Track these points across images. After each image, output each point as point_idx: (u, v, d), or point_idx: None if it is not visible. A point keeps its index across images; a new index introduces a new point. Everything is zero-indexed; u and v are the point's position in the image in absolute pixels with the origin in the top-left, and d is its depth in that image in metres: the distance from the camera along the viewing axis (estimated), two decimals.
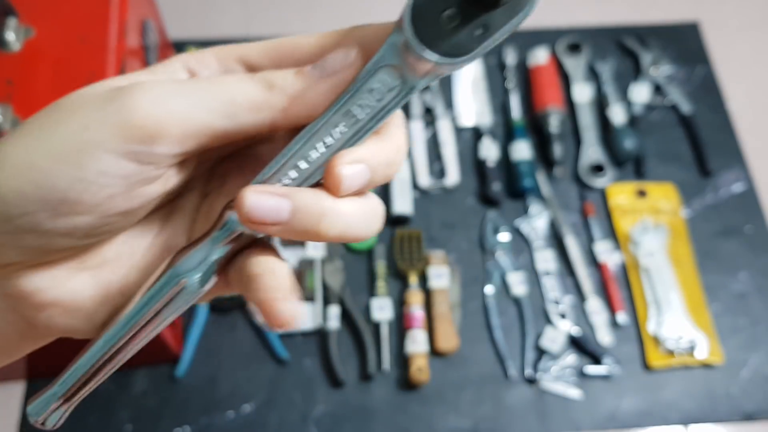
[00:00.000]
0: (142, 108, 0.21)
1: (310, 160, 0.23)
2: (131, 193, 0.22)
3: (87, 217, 0.22)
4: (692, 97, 1.00)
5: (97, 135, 0.21)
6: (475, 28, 0.21)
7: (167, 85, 0.22)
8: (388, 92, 0.23)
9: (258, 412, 0.79)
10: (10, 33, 0.64)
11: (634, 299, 0.86)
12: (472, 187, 0.93)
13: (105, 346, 0.24)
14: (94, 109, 0.21)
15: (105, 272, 0.24)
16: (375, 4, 1.10)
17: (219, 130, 0.22)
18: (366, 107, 0.23)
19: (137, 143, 0.21)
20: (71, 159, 0.21)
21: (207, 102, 0.22)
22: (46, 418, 0.24)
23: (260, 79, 0.23)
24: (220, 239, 0.23)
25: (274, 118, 0.22)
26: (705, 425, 0.80)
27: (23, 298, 0.23)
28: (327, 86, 0.22)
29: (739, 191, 0.94)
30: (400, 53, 0.22)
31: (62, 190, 0.21)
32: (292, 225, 0.22)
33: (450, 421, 0.79)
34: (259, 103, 0.22)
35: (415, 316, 0.81)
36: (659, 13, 1.09)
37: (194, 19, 1.07)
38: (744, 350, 0.84)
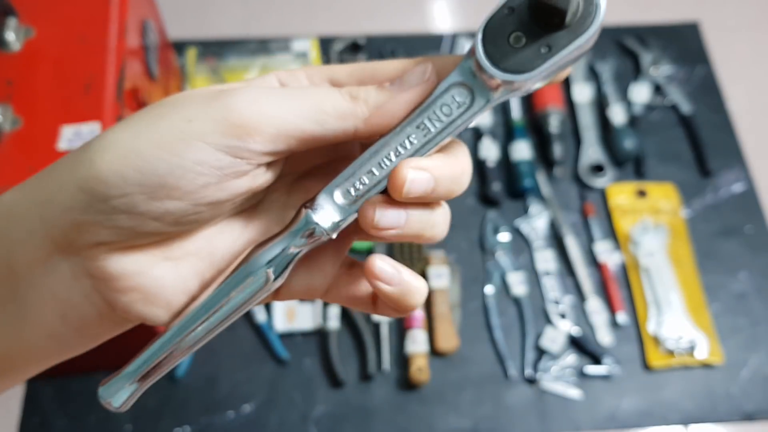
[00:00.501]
0: (242, 107, 0.23)
1: (383, 167, 0.26)
2: (222, 184, 0.24)
3: (180, 203, 0.23)
4: (692, 97, 1.00)
5: (199, 127, 0.23)
6: (540, 47, 0.24)
7: (265, 90, 0.24)
8: (458, 108, 0.25)
9: (258, 412, 0.79)
10: (10, 33, 0.64)
11: (634, 299, 0.86)
12: (472, 187, 0.93)
13: (180, 332, 0.25)
14: (198, 105, 0.23)
15: (186, 264, 0.26)
16: (375, 5, 1.10)
17: (307, 133, 0.24)
18: (437, 121, 0.25)
19: (234, 138, 0.23)
20: (173, 147, 0.23)
21: (298, 107, 0.24)
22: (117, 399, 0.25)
23: (346, 91, 0.25)
24: (296, 236, 0.25)
25: (356, 126, 0.25)
26: (705, 425, 0.80)
27: (108, 280, 0.24)
28: (405, 99, 0.25)
29: (739, 191, 0.94)
30: (472, 72, 0.25)
31: (161, 175, 0.23)
32: (407, 230, 0.26)
33: (450, 421, 0.79)
34: (344, 111, 0.25)
35: (415, 316, 0.81)
36: (659, 13, 1.09)
37: (194, 20, 1.07)
38: (744, 350, 0.84)
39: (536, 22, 0.24)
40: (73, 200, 0.23)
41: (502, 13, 0.24)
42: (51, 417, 0.78)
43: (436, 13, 1.12)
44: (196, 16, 1.07)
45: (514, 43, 0.24)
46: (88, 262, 0.24)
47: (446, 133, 0.25)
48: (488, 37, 0.24)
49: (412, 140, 0.25)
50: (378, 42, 1.03)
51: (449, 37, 1.04)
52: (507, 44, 0.24)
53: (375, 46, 1.02)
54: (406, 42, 1.03)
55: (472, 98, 0.25)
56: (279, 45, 0.99)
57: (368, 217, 0.25)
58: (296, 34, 1.02)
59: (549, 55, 0.23)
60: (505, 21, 0.24)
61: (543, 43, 0.24)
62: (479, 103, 0.25)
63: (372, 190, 0.26)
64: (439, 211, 0.27)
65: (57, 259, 0.24)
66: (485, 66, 0.24)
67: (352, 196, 0.26)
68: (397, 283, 0.26)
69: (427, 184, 0.25)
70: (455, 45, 1.03)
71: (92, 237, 0.23)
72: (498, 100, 0.25)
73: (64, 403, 0.78)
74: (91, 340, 0.27)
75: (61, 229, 0.23)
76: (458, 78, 0.25)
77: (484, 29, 0.24)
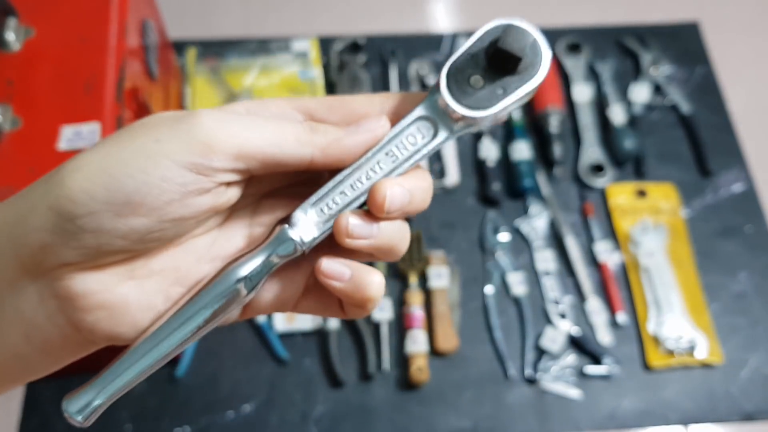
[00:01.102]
0: (207, 126, 0.25)
1: (355, 187, 0.28)
2: (186, 201, 0.25)
3: (144, 220, 0.25)
4: (692, 98, 1.00)
5: (166, 146, 0.24)
6: (496, 89, 0.27)
7: (231, 114, 0.26)
8: (423, 139, 0.28)
9: (258, 412, 0.79)
10: (10, 33, 0.64)
11: (634, 299, 0.86)
12: (472, 187, 0.93)
13: (149, 345, 0.26)
14: (167, 126, 0.25)
15: (151, 282, 0.26)
16: (375, 6, 1.11)
17: (268, 155, 0.26)
18: (404, 149, 0.28)
19: (198, 155, 0.25)
20: (140, 165, 0.24)
21: (261, 131, 0.26)
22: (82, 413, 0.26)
23: (307, 124, 0.27)
24: (271, 249, 0.27)
25: (314, 155, 0.27)
26: (705, 425, 0.80)
27: (73, 299, 0.25)
28: (360, 139, 0.28)
29: (738, 191, 0.94)
30: (436, 108, 0.28)
31: (128, 192, 0.24)
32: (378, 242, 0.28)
33: (450, 421, 0.79)
34: (303, 139, 0.27)
35: (415, 316, 0.81)
36: (659, 14, 1.09)
37: (194, 20, 1.07)
38: (744, 350, 0.84)
39: (493, 68, 0.27)
40: (42, 220, 0.24)
41: (464, 58, 0.28)
42: (51, 418, 0.78)
43: (435, 13, 1.12)
44: (196, 16, 1.07)
45: (474, 84, 0.28)
46: (54, 282, 0.25)
47: (412, 160, 0.28)
48: (452, 77, 0.28)
49: (382, 165, 0.28)
50: (378, 42, 1.03)
51: (449, 37, 1.04)
52: (468, 84, 0.28)
53: (375, 46, 1.02)
54: (406, 42, 1.03)
55: (435, 131, 0.28)
56: (279, 45, 0.99)
57: (342, 226, 0.27)
58: (296, 34, 1.02)
59: (503, 95, 0.27)
60: (467, 64, 0.28)
61: (498, 86, 0.27)
62: (441, 135, 0.28)
63: (345, 209, 0.28)
64: (405, 226, 0.29)
65: (24, 280, 0.25)
66: (448, 101, 0.27)
67: (325, 214, 0.28)
68: (347, 278, 0.27)
69: (403, 198, 0.27)
70: (455, 45, 1.03)
71: (58, 258, 0.24)
72: (458, 134, 0.28)
73: None
74: (55, 362, 0.27)
75: (28, 249, 0.24)
76: (424, 112, 0.28)
77: (448, 70, 0.28)
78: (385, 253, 0.28)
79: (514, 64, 0.27)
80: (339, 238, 0.27)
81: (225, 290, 0.26)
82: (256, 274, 0.27)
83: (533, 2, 1.11)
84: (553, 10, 1.10)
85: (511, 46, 0.26)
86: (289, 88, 0.95)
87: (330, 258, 0.28)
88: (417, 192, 0.28)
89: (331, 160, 0.27)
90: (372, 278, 0.28)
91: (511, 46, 0.26)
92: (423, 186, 0.28)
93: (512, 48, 0.26)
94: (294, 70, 0.97)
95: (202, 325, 0.26)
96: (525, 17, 0.28)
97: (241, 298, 0.27)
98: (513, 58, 0.26)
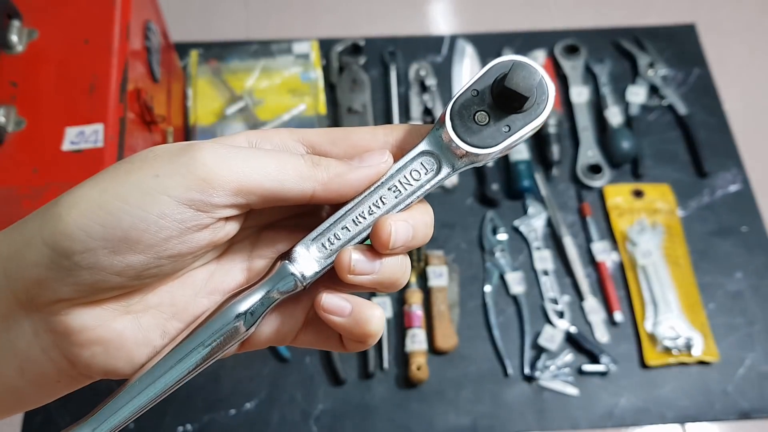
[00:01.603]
0: (206, 161, 0.24)
1: (357, 222, 0.28)
2: (184, 237, 0.25)
3: (141, 257, 0.24)
4: (688, 99, 1.01)
5: (165, 181, 0.24)
6: (502, 126, 0.27)
7: (231, 147, 0.26)
8: (426, 174, 0.28)
9: (259, 409, 0.80)
10: (14, 35, 0.65)
11: (631, 298, 0.87)
12: (471, 188, 0.94)
13: (144, 382, 0.25)
14: (165, 160, 0.24)
15: (148, 317, 0.26)
16: (375, 8, 1.11)
17: (268, 190, 0.25)
18: (407, 184, 0.28)
19: (197, 191, 0.24)
20: (137, 201, 0.24)
21: (261, 165, 0.25)
22: None
23: (309, 157, 0.27)
24: (272, 285, 0.27)
25: (315, 190, 0.26)
26: (701, 423, 0.81)
27: (68, 335, 0.24)
28: (362, 174, 0.27)
29: (734, 192, 0.95)
30: (440, 143, 0.28)
31: (124, 229, 0.23)
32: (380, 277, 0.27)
33: (449, 418, 0.80)
34: (305, 174, 0.26)
35: (415, 315, 0.82)
36: (656, 16, 1.10)
37: (196, 22, 1.08)
38: (740, 349, 0.85)
39: (498, 105, 0.27)
40: (38, 256, 0.23)
41: (469, 94, 0.27)
42: (54, 415, 0.79)
43: (435, 15, 1.13)
44: (198, 19, 1.08)
45: (479, 121, 0.27)
46: (49, 317, 0.24)
47: (415, 195, 0.28)
48: (456, 113, 0.27)
49: (385, 200, 0.28)
50: (378, 44, 1.04)
51: (449, 39, 1.05)
52: (472, 121, 0.27)
53: (375, 47, 1.03)
54: (406, 44, 1.04)
55: (439, 166, 0.28)
56: (280, 47, 0.99)
57: (344, 263, 0.26)
58: (297, 36, 1.03)
59: (509, 133, 0.27)
60: (472, 101, 0.27)
61: (504, 123, 0.27)
62: (444, 170, 0.28)
63: (347, 244, 0.27)
64: (407, 259, 0.28)
65: (18, 314, 0.24)
66: (453, 138, 0.27)
67: (327, 249, 0.27)
68: (347, 314, 0.27)
69: (407, 235, 0.27)
70: (454, 47, 1.04)
71: (54, 294, 0.24)
72: (460, 170, 0.28)
73: (68, 402, 0.78)
74: (49, 395, 0.27)
75: (24, 284, 0.24)
76: (427, 147, 0.28)
77: (452, 106, 0.27)
78: (387, 287, 0.28)
79: (520, 102, 0.26)
80: (341, 274, 0.27)
81: (224, 327, 0.26)
82: (256, 311, 0.26)
83: (531, 4, 1.12)
84: (551, 13, 1.11)
85: (519, 85, 0.26)
86: (290, 90, 0.96)
87: (330, 292, 0.27)
88: (420, 227, 0.28)
89: (333, 195, 0.27)
90: (372, 313, 0.27)
91: (518, 85, 0.26)
92: (426, 220, 0.28)
93: (520, 87, 0.26)
94: (295, 71, 0.98)
95: (200, 362, 0.26)
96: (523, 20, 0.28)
97: (240, 334, 0.26)
98: (520, 97, 0.26)
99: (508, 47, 1.03)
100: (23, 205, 0.59)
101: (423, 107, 0.98)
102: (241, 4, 1.10)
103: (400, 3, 1.12)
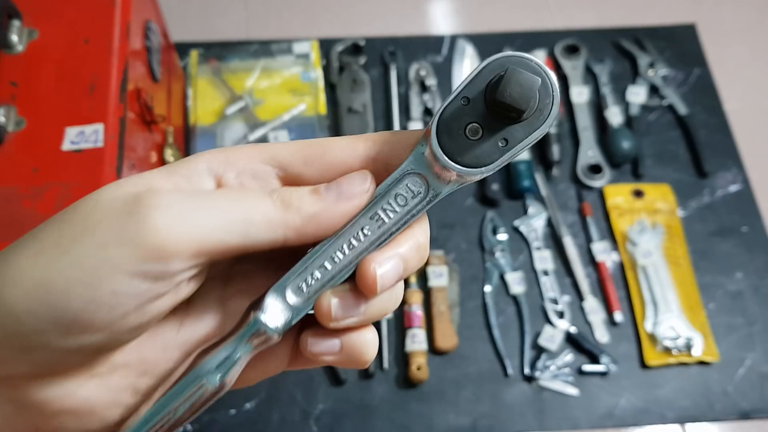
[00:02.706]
0: (158, 226, 0.21)
1: (336, 261, 0.24)
2: (142, 309, 0.22)
3: (97, 335, 0.22)
4: (688, 99, 1.01)
5: (114, 254, 0.21)
6: (498, 140, 0.23)
7: (185, 201, 0.22)
8: (413, 198, 0.24)
9: (259, 409, 0.80)
10: (14, 35, 0.65)
11: (631, 298, 0.87)
12: (471, 188, 0.94)
13: None
14: (111, 226, 0.21)
15: (116, 378, 0.24)
16: (375, 7, 1.11)
17: (233, 246, 0.22)
18: (391, 212, 0.24)
19: (152, 262, 0.21)
20: (86, 280, 0.21)
21: (223, 221, 0.22)
22: None
23: (278, 197, 0.23)
24: (244, 340, 0.24)
25: (287, 236, 0.23)
26: (701, 424, 0.81)
27: (31, 407, 0.23)
28: (341, 210, 0.23)
29: (734, 192, 0.95)
30: (426, 163, 0.24)
31: (75, 311, 0.21)
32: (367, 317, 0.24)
33: (449, 418, 0.80)
34: (274, 220, 0.23)
35: (415, 315, 0.82)
36: (656, 16, 1.10)
37: (196, 22, 1.08)
38: (740, 349, 0.85)
39: (493, 116, 0.23)
40: None
41: (458, 103, 0.23)
42: None
43: (435, 15, 1.13)
44: (198, 19, 1.08)
45: (471, 136, 0.23)
46: (9, 390, 0.23)
47: (402, 222, 0.24)
48: (443, 127, 0.23)
49: (366, 232, 0.24)
50: (378, 44, 1.04)
51: (449, 39, 1.05)
52: (463, 136, 0.23)
53: (375, 47, 1.03)
54: (406, 43, 1.04)
55: (428, 187, 0.24)
56: (280, 47, 1.00)
57: (324, 311, 0.24)
58: (297, 36, 1.03)
59: (506, 148, 0.23)
60: (461, 112, 0.23)
61: (500, 137, 0.23)
62: (434, 192, 0.24)
63: (326, 285, 0.24)
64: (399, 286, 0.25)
65: None
66: (441, 159, 0.23)
67: (304, 293, 0.24)
68: (338, 351, 0.25)
69: (396, 272, 0.24)
70: (455, 47, 1.04)
71: (9, 368, 0.22)
72: (454, 190, 0.24)
73: None
74: None
75: None
76: (412, 167, 0.24)
77: (438, 119, 0.23)
78: (376, 319, 0.25)
79: (518, 113, 0.22)
80: (322, 322, 0.24)
81: (197, 389, 0.24)
82: (230, 370, 0.24)
83: (531, 4, 1.11)
84: (551, 13, 1.11)
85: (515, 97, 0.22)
86: (290, 90, 0.96)
87: (314, 335, 0.25)
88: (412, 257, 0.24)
89: (308, 238, 0.24)
90: (366, 340, 0.25)
91: (514, 98, 0.22)
92: (419, 243, 0.25)
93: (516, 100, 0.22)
94: (295, 71, 0.98)
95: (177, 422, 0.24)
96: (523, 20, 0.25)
97: (217, 392, 0.24)
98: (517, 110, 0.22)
99: (508, 47, 1.03)
100: (23, 205, 0.59)
101: (423, 107, 0.98)
102: (241, 4, 1.10)
103: (400, 3, 1.12)
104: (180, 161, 0.24)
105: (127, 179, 0.23)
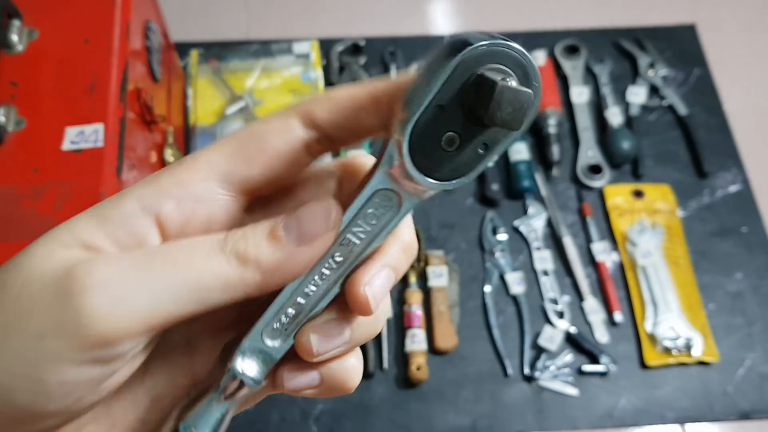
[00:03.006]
0: (98, 316, 0.19)
1: (309, 294, 0.22)
2: (97, 388, 0.20)
3: (55, 419, 0.21)
4: (689, 99, 1.01)
5: (55, 346, 0.19)
6: (477, 146, 0.20)
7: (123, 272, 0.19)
8: (385, 215, 0.22)
9: (259, 409, 0.80)
10: (14, 35, 0.65)
11: (631, 298, 0.87)
12: (471, 188, 0.94)
13: None
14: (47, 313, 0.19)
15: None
16: (375, 7, 1.11)
17: (186, 315, 0.20)
18: (362, 233, 0.22)
19: (99, 349, 0.19)
20: (30, 374, 0.19)
21: (172, 290, 0.20)
22: None
23: (232, 252, 0.20)
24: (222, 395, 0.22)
25: (247, 293, 0.21)
26: (701, 424, 0.81)
27: None
28: (305, 256, 0.21)
29: (734, 192, 0.95)
30: (397, 180, 0.21)
31: (23, 406, 0.19)
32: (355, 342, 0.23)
33: (449, 418, 0.80)
34: (231, 281, 0.20)
35: (415, 315, 0.82)
36: (656, 16, 1.10)
37: (196, 22, 1.08)
38: (740, 349, 0.85)
39: (472, 122, 0.20)
40: None
41: (431, 112, 0.19)
42: None
43: (435, 15, 1.13)
44: (198, 18, 1.08)
45: (447, 147, 0.20)
46: None
47: (376, 243, 0.22)
48: (416, 142, 0.20)
49: (337, 259, 0.22)
50: (378, 44, 1.04)
51: None
52: (439, 148, 0.20)
53: (375, 47, 1.03)
54: (406, 43, 1.04)
55: (400, 199, 0.21)
56: (280, 47, 1.00)
57: (305, 349, 0.22)
58: (297, 36, 1.03)
59: (486, 154, 0.20)
60: (436, 122, 0.20)
61: (479, 142, 0.20)
62: (408, 204, 0.22)
63: (303, 319, 0.22)
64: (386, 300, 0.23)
65: None
66: (416, 177, 0.20)
67: (280, 332, 0.22)
68: (318, 384, 0.23)
69: (388, 283, 0.22)
70: None
71: None
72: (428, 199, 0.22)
73: None
74: None
75: None
76: (381, 186, 0.21)
77: (410, 135, 0.20)
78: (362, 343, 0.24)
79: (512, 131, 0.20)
80: (305, 358, 0.22)
81: None
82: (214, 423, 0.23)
83: (531, 4, 1.12)
84: (551, 13, 1.11)
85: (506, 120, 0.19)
86: (290, 90, 0.96)
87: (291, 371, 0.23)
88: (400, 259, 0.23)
89: (271, 289, 0.21)
90: (347, 367, 0.23)
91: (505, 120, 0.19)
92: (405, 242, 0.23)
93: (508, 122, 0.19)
94: (295, 71, 0.98)
95: None
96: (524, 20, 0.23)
97: None
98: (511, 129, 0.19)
99: None
100: (23, 205, 0.59)
101: None
102: (241, 4, 1.10)
103: (400, 3, 1.12)
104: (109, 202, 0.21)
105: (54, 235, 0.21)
